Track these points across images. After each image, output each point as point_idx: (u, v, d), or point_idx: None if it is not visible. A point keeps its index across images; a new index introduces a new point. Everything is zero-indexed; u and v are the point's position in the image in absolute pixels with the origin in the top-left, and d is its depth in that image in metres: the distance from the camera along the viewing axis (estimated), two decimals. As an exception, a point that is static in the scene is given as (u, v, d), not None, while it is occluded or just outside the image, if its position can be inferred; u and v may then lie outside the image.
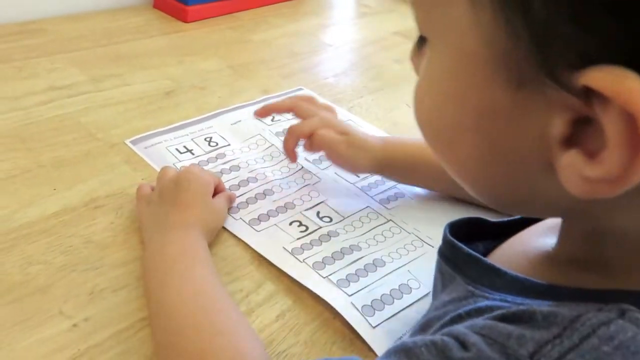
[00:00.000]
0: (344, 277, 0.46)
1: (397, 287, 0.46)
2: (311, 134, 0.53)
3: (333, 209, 0.54)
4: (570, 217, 0.28)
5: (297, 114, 0.56)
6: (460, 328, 0.25)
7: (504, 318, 0.25)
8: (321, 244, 0.50)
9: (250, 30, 0.92)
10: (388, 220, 0.54)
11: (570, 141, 0.22)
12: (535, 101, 0.22)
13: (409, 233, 0.53)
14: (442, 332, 0.26)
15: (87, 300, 0.42)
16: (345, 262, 0.48)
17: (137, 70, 0.75)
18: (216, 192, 0.51)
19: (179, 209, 0.46)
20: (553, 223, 0.32)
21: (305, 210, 0.54)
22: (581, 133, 0.21)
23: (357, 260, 0.48)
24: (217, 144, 0.62)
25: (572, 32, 0.19)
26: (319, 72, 0.81)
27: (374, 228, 0.53)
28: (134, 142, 0.60)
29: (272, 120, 0.67)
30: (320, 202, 0.55)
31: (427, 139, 0.28)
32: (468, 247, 0.32)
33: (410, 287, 0.46)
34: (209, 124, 0.65)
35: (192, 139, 0.62)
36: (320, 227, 0.52)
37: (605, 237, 0.26)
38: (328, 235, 0.51)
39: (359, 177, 0.60)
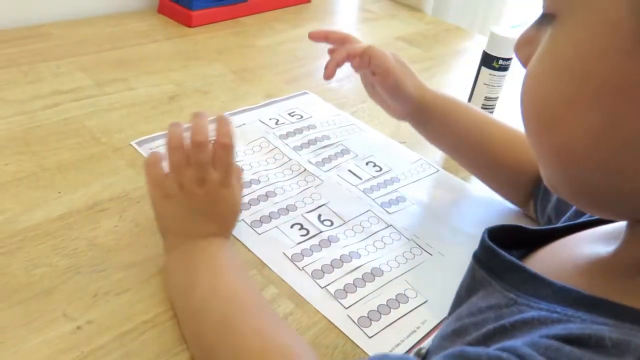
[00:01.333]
0: (342, 288, 0.46)
1: (394, 297, 0.46)
2: (363, 52, 0.54)
3: (334, 212, 0.55)
4: None
5: (339, 59, 0.57)
6: (521, 346, 0.24)
7: (568, 340, 0.23)
8: (321, 249, 0.50)
9: (254, 36, 0.93)
10: (388, 226, 0.54)
11: None
12: None
13: (409, 240, 0.53)
14: (499, 347, 0.24)
15: (91, 303, 0.42)
16: (343, 271, 0.48)
17: (142, 75, 0.75)
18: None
19: (210, 221, 0.43)
20: (609, 230, 0.31)
21: (307, 212, 0.54)
22: None
23: (356, 269, 0.48)
24: None
25: None
26: (322, 77, 0.82)
27: (374, 233, 0.53)
28: (139, 144, 0.61)
29: (276, 124, 0.68)
30: (322, 205, 0.56)
31: (530, 120, 0.27)
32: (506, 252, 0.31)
33: (407, 297, 0.46)
34: (213, 127, 0.65)
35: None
36: (321, 232, 0.52)
37: None
38: (328, 240, 0.51)
39: (361, 179, 0.60)
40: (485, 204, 0.59)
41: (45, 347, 0.39)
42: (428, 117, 0.56)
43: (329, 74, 0.56)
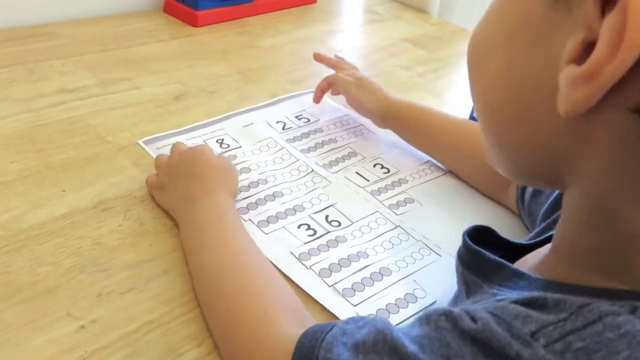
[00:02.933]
0: (350, 286, 0.46)
1: (403, 297, 0.46)
2: (334, 78, 0.67)
3: (342, 213, 0.54)
4: (568, 180, 0.27)
5: (336, 70, 0.71)
6: (475, 307, 0.27)
7: (517, 302, 0.26)
8: (328, 249, 0.50)
9: (259, 36, 0.93)
10: (396, 227, 0.54)
11: (574, 60, 0.22)
12: (564, 20, 0.22)
13: (417, 240, 0.52)
14: (460, 309, 0.28)
15: (95, 302, 0.42)
16: (351, 270, 0.48)
17: (147, 74, 0.75)
18: None
19: (197, 180, 0.49)
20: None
21: (314, 213, 0.54)
22: (585, 55, 0.22)
23: (364, 268, 0.48)
24: (228, 146, 0.62)
25: None
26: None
27: (382, 234, 0.53)
28: (146, 143, 0.61)
29: (284, 128, 0.67)
30: (329, 206, 0.55)
31: (468, 62, 0.30)
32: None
33: (416, 297, 0.46)
34: (221, 126, 0.66)
35: (204, 141, 0.63)
36: (329, 232, 0.52)
37: (613, 223, 0.25)
38: (336, 240, 0.51)
39: (368, 181, 0.60)
40: (492, 206, 0.58)
41: (49, 346, 0.39)
42: (400, 124, 0.63)
43: (316, 99, 0.71)
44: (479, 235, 0.36)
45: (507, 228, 0.54)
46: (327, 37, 0.97)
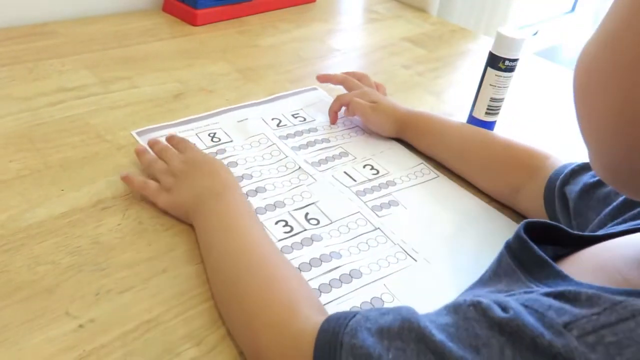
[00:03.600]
0: (317, 287, 0.46)
1: (369, 300, 0.45)
2: (349, 102, 0.67)
3: (322, 212, 0.54)
4: None
5: (345, 87, 0.71)
6: (506, 297, 0.27)
7: (549, 294, 0.26)
8: (302, 247, 0.49)
9: (258, 35, 0.92)
10: (376, 229, 0.53)
11: None
12: None
13: (395, 244, 0.52)
14: (489, 299, 0.28)
15: (94, 301, 0.42)
16: (321, 270, 0.47)
17: (146, 73, 0.75)
18: None
19: (211, 177, 0.51)
20: None
21: (294, 210, 0.54)
22: None
23: (335, 269, 0.48)
24: (219, 140, 0.62)
25: None
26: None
27: (360, 235, 0.52)
28: (139, 134, 0.61)
29: (278, 125, 0.67)
30: (311, 204, 0.55)
31: (578, 91, 0.27)
32: (538, 246, 0.33)
33: (383, 300, 0.45)
34: (215, 120, 0.66)
35: (196, 134, 0.63)
36: (305, 230, 0.51)
37: None
38: (311, 239, 0.50)
39: (355, 181, 0.59)
40: (480, 213, 0.57)
41: (48, 345, 0.39)
42: (411, 137, 0.66)
43: (332, 121, 0.69)
44: (541, 231, 0.35)
45: (495, 236, 0.53)
46: (327, 36, 0.97)
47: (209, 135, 0.63)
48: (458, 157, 0.62)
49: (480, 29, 1.27)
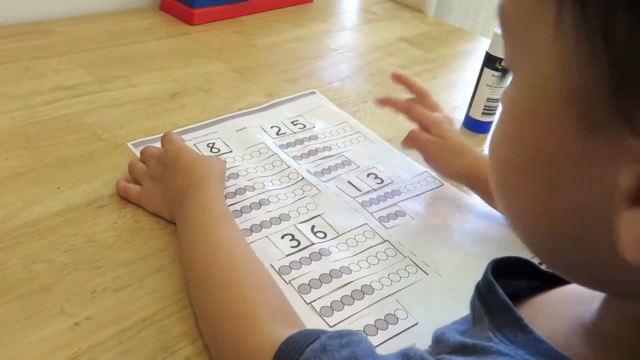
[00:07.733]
0: (329, 305, 0.44)
1: (383, 317, 0.44)
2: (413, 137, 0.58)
3: (329, 224, 0.52)
4: (617, 294, 0.25)
5: (410, 117, 0.60)
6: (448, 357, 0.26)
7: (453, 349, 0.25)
8: (311, 262, 0.48)
9: (255, 35, 0.93)
10: (384, 241, 0.52)
11: (637, 198, 0.19)
12: (607, 148, 0.19)
13: (405, 257, 0.50)
14: (438, 358, 0.27)
15: (89, 299, 0.42)
16: (332, 287, 0.46)
17: (143, 72, 0.75)
18: None
19: (184, 175, 0.50)
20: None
21: (300, 223, 0.52)
22: None
23: (346, 285, 0.46)
24: (219, 150, 0.61)
25: None
26: (324, 77, 0.82)
27: (369, 248, 0.50)
28: (135, 145, 0.60)
29: (277, 134, 0.65)
30: (316, 216, 0.53)
31: (493, 183, 0.26)
32: (513, 282, 0.31)
33: (397, 317, 0.44)
34: (214, 129, 0.64)
35: (194, 145, 0.61)
36: (313, 244, 0.50)
37: None
38: (319, 253, 0.49)
39: (360, 191, 0.58)
40: (489, 221, 0.56)
41: (43, 344, 0.39)
42: (478, 190, 0.55)
43: (380, 103, 0.62)
44: (517, 264, 0.33)
45: (506, 245, 0.52)
46: (324, 36, 0.97)
47: (207, 145, 0.61)
48: None
49: (477, 29, 1.27)
